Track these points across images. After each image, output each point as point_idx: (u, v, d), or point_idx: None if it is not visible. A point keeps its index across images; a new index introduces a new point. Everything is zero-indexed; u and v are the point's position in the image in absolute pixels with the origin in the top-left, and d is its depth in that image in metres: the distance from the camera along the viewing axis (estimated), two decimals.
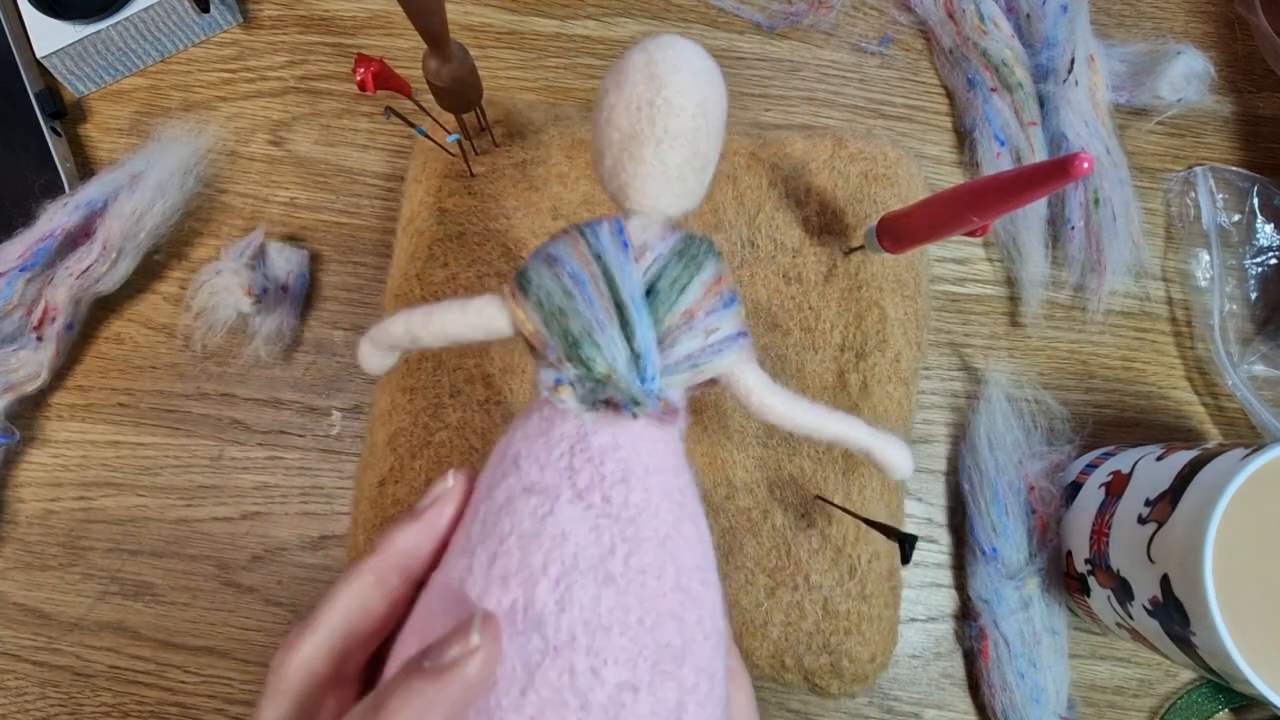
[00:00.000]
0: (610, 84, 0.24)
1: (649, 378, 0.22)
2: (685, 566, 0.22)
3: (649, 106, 0.23)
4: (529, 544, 0.21)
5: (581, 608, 0.20)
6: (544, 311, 0.23)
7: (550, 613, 0.20)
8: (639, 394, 0.22)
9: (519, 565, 0.21)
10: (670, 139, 0.23)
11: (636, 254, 0.23)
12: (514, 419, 0.24)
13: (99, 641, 0.41)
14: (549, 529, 0.21)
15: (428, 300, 0.40)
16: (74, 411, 0.43)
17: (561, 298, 0.23)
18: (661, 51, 0.23)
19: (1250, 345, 0.45)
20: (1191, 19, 0.51)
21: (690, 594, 0.22)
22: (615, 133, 0.24)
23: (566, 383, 0.22)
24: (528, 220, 0.41)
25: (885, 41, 0.49)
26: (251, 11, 0.49)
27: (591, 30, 0.49)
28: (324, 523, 0.42)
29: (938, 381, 0.45)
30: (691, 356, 0.23)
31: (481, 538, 0.22)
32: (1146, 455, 0.37)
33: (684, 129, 0.23)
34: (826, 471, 0.38)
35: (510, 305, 0.24)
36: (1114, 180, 0.44)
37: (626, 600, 0.21)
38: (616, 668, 0.20)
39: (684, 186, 0.24)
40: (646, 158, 0.23)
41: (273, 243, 0.44)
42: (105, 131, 0.47)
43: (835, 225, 0.41)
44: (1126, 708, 0.41)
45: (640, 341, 0.22)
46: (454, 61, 0.34)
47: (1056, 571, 0.40)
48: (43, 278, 0.41)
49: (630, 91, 0.23)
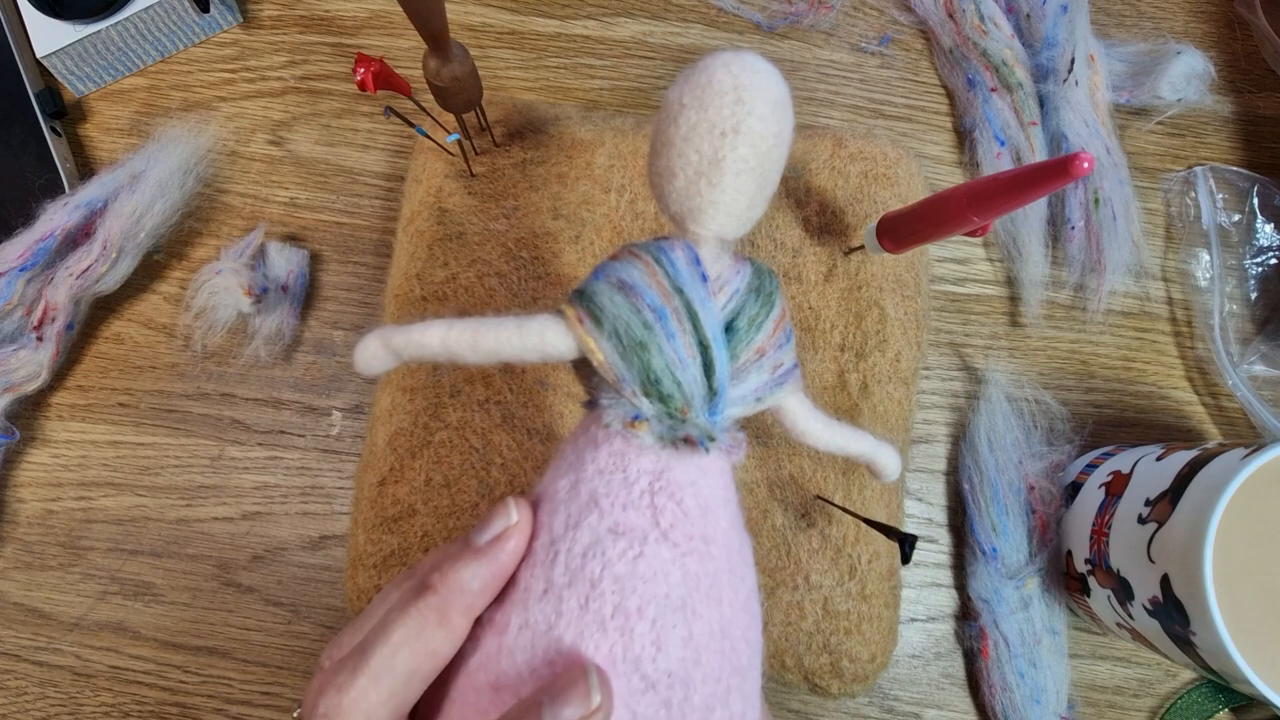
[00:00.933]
0: (690, 99, 0.22)
1: (719, 411, 0.23)
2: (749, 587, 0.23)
3: (734, 134, 0.22)
4: (624, 587, 0.21)
5: (674, 644, 0.21)
6: (621, 345, 0.22)
7: (648, 654, 0.21)
8: (714, 430, 0.22)
9: (615, 609, 0.21)
10: (750, 168, 0.22)
11: (714, 288, 0.23)
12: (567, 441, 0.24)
13: (99, 641, 0.41)
14: (640, 571, 0.21)
15: (428, 300, 0.40)
16: (74, 411, 0.43)
17: (642, 331, 0.22)
18: (748, 75, 0.22)
19: (1250, 345, 0.44)
20: (1191, 19, 0.51)
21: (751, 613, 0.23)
22: (694, 154, 0.22)
23: (645, 419, 0.22)
24: (528, 220, 0.41)
25: (885, 41, 0.49)
26: (251, 11, 0.49)
27: (591, 30, 0.49)
28: (324, 523, 0.42)
29: (938, 381, 0.45)
30: (757, 390, 0.23)
31: (569, 581, 0.21)
32: (1146, 455, 0.37)
33: (762, 158, 0.23)
34: (826, 471, 0.38)
35: (578, 331, 0.23)
36: (1114, 180, 0.44)
37: (710, 628, 0.22)
38: (704, 691, 0.21)
39: (751, 214, 0.24)
40: (727, 185, 0.23)
41: (273, 243, 0.44)
42: (105, 131, 0.47)
43: (835, 225, 0.41)
44: (1126, 708, 0.41)
45: (719, 380, 0.22)
46: (454, 61, 0.34)
47: (1056, 571, 0.40)
48: (43, 278, 0.41)
49: (715, 114, 0.22)
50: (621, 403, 0.22)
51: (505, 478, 0.38)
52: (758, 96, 0.22)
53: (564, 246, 0.41)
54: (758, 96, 0.22)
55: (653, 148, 0.24)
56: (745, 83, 0.22)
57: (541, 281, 0.40)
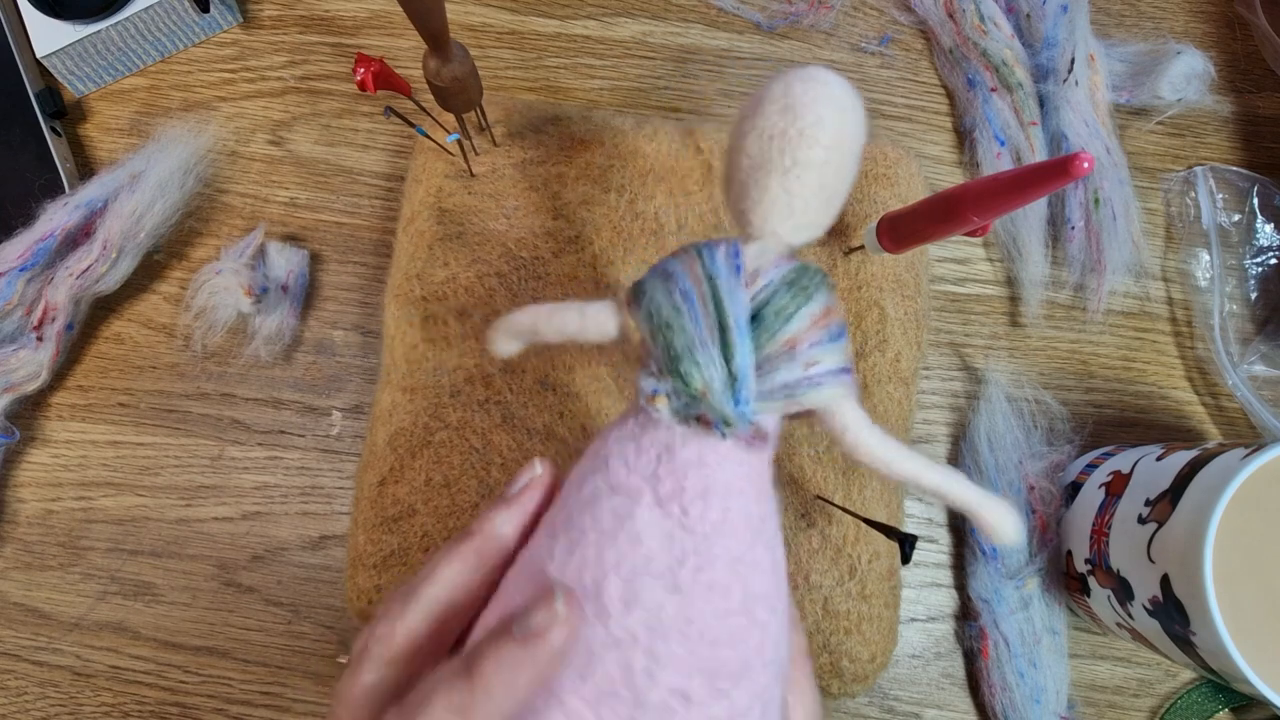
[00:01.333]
0: (746, 111, 0.25)
1: (742, 400, 0.23)
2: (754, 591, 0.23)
3: (780, 137, 0.23)
4: (605, 540, 0.22)
5: (645, 610, 0.21)
6: (652, 323, 0.24)
7: (617, 609, 0.21)
8: (731, 415, 0.23)
9: (594, 559, 0.22)
10: (799, 170, 0.23)
11: (749, 279, 0.24)
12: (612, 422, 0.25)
13: (99, 641, 0.41)
14: (626, 529, 0.22)
15: (428, 300, 0.40)
16: (74, 411, 0.43)
17: (670, 312, 0.23)
18: (801, 84, 0.23)
19: (1250, 345, 0.44)
20: (1191, 19, 0.51)
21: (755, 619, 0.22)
22: (745, 159, 0.24)
23: (663, 394, 0.23)
24: (528, 220, 0.41)
25: (885, 41, 0.49)
26: (251, 11, 0.49)
27: (591, 30, 0.49)
28: (324, 523, 0.42)
29: (938, 381, 0.45)
30: (788, 386, 0.23)
31: (565, 526, 0.23)
32: (1146, 455, 0.37)
33: (813, 161, 0.23)
34: (826, 471, 0.38)
35: (623, 312, 0.25)
36: (1114, 180, 0.44)
37: (689, 612, 0.21)
38: (672, 673, 0.21)
39: (807, 218, 0.25)
40: (772, 186, 0.24)
41: (273, 243, 0.44)
42: (105, 131, 0.47)
43: (835, 225, 0.41)
44: (1126, 708, 0.41)
45: (739, 365, 0.23)
46: (454, 61, 0.34)
47: (1056, 571, 0.40)
48: (43, 278, 0.41)
49: (763, 121, 0.24)
50: (649, 379, 0.24)
51: (505, 478, 0.38)
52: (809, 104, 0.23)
53: (564, 246, 0.41)
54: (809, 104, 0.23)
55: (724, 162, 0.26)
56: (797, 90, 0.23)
57: (541, 281, 0.40)
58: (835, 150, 0.24)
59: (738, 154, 0.25)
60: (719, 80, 0.48)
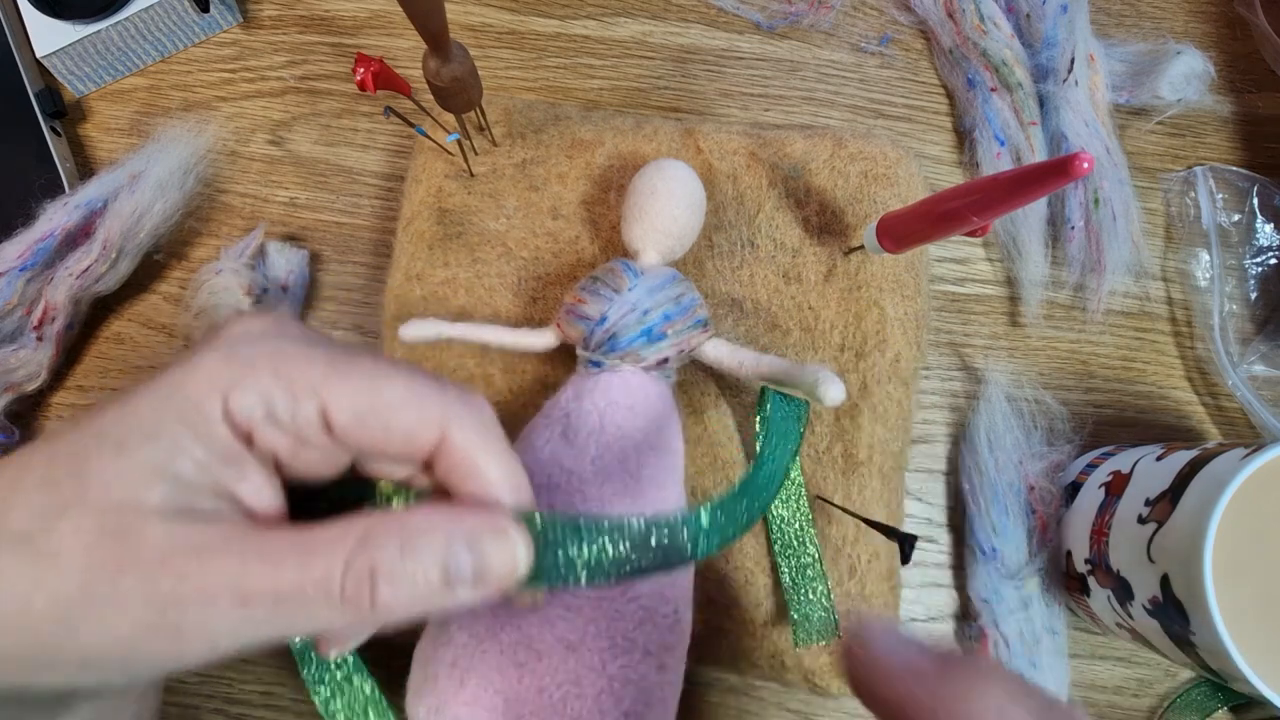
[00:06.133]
0: (635, 178, 0.37)
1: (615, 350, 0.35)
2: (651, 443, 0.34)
3: (652, 192, 0.36)
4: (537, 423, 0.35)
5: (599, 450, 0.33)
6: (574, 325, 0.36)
7: None
8: (605, 360, 0.34)
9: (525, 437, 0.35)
10: (665, 212, 0.36)
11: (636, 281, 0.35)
12: None
13: None
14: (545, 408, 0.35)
15: (428, 300, 0.40)
16: (74, 411, 0.43)
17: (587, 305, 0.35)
18: (669, 166, 0.37)
19: (1250, 345, 0.45)
20: (1191, 19, 0.51)
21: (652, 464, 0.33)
22: (631, 202, 0.37)
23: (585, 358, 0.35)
24: (528, 220, 0.41)
25: (885, 41, 0.49)
26: (251, 11, 0.49)
27: (591, 30, 0.49)
28: None
29: (938, 381, 0.45)
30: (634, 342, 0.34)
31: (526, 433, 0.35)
32: (1146, 455, 0.37)
33: (675, 206, 0.36)
34: (826, 471, 0.38)
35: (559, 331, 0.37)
36: (1114, 180, 0.44)
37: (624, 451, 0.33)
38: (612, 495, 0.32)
39: (668, 244, 0.36)
40: (646, 220, 0.36)
41: (272, 243, 0.44)
42: (105, 131, 0.47)
43: (835, 225, 0.41)
44: (1126, 708, 0.41)
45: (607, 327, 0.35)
46: (454, 61, 0.34)
47: (1056, 571, 0.40)
48: (43, 278, 0.41)
49: (642, 182, 0.36)
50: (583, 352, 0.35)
51: None
52: (671, 176, 0.36)
53: (564, 246, 0.41)
54: (671, 176, 0.36)
55: None
56: (664, 164, 0.37)
57: (541, 281, 0.40)
58: (685, 201, 0.36)
59: (629, 201, 0.37)
60: (719, 80, 0.48)
